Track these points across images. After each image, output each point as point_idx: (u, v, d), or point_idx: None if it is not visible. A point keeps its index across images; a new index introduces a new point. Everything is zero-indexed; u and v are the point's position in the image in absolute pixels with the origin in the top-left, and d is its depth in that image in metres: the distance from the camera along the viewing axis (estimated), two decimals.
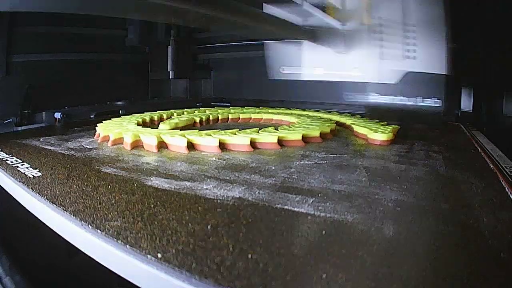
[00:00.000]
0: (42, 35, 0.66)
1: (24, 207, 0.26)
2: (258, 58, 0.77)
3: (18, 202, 0.27)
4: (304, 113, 0.59)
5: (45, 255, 0.27)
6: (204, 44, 0.88)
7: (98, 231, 0.19)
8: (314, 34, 0.36)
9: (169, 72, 0.82)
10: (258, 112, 0.59)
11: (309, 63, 0.51)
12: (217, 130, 0.39)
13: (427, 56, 0.41)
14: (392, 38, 0.38)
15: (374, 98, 0.36)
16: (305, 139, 0.39)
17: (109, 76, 0.79)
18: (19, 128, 0.54)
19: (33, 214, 0.25)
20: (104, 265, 0.18)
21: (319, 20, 0.37)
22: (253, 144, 0.36)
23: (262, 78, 0.80)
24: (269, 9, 0.40)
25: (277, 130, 0.41)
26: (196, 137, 0.36)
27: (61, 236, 0.21)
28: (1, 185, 0.30)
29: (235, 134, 0.38)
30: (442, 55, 0.32)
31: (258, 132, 0.39)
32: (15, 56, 0.60)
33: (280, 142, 0.37)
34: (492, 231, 0.19)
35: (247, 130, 0.40)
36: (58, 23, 0.68)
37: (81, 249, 0.20)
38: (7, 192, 0.28)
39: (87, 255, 0.19)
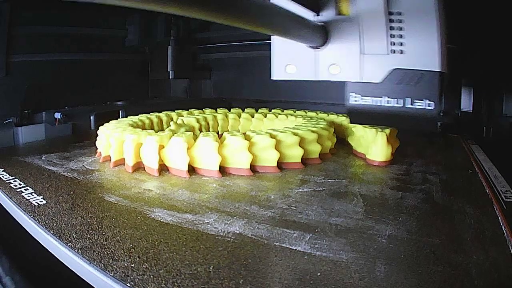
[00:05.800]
0: (42, 35, 0.65)
1: None
2: (257, 58, 0.77)
3: None
4: (304, 114, 0.59)
5: (45, 255, 0.27)
6: (204, 44, 0.88)
7: (107, 271, 0.20)
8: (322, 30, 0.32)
9: (169, 72, 0.82)
10: (260, 113, 0.59)
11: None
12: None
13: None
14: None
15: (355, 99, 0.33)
16: (304, 160, 0.39)
17: (109, 76, 0.79)
18: (19, 129, 0.54)
19: None
20: None
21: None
22: (253, 168, 0.36)
23: (262, 77, 0.80)
24: None
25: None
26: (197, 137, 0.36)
27: None
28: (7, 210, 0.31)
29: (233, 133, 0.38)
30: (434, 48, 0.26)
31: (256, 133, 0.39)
32: (15, 56, 0.60)
33: (280, 165, 0.38)
34: (480, 270, 0.20)
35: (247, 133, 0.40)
36: (58, 23, 0.68)
37: (88, 282, 0.21)
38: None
39: None
